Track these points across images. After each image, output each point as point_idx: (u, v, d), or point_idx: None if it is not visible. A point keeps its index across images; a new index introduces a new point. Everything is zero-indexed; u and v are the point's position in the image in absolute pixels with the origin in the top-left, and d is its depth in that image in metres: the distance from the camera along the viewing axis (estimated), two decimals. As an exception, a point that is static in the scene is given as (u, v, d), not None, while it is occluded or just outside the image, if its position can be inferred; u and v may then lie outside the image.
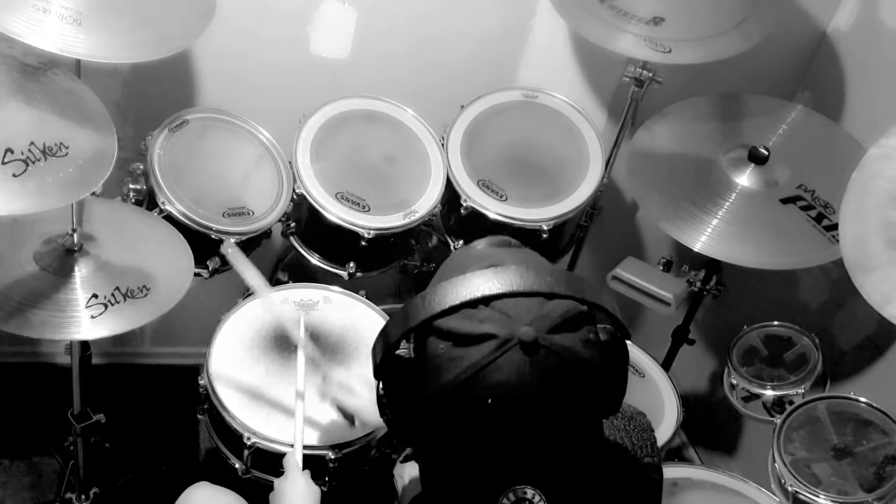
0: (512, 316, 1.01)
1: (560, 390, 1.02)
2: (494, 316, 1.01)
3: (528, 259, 1.12)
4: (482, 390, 1.00)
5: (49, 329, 1.60)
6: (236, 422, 1.78)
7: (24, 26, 1.52)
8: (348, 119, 2.17)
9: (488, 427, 1.03)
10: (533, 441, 1.05)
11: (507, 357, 0.99)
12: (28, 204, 1.45)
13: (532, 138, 2.26)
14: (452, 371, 1.01)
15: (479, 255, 1.13)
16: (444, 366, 1.02)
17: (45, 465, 2.33)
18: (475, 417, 1.02)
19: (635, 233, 2.74)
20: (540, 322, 1.01)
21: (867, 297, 1.59)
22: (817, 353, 2.01)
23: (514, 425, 1.03)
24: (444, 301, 1.03)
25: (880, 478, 1.77)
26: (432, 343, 1.04)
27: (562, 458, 1.10)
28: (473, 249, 1.17)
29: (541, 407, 1.02)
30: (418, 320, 1.04)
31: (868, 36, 2.29)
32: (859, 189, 1.68)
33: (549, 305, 1.03)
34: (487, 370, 1.00)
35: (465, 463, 1.10)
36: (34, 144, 1.47)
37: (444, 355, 1.02)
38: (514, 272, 1.04)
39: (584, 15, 2.07)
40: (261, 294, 1.83)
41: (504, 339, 1.00)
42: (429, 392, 1.04)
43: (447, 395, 1.02)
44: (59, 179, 1.48)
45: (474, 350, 1.00)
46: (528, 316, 1.01)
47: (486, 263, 1.08)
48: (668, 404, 2.17)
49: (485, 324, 1.01)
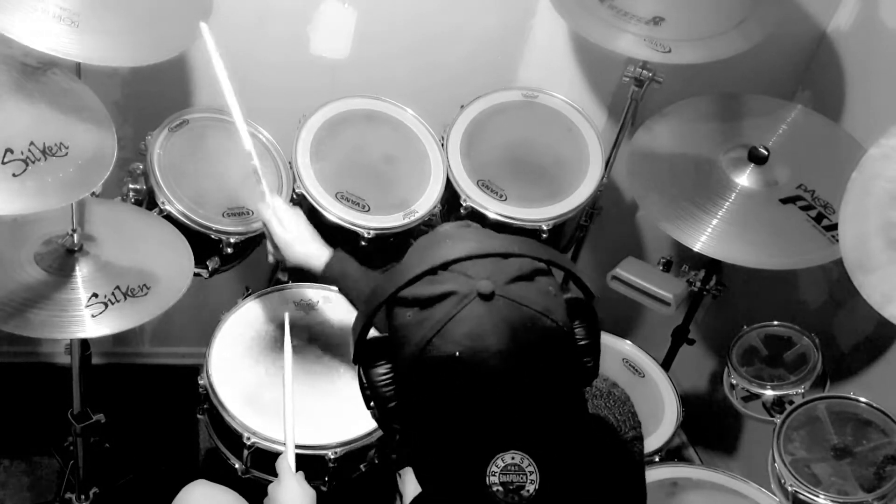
0: (470, 275, 1.06)
1: (525, 339, 1.04)
2: (453, 277, 1.06)
3: (489, 232, 1.17)
4: (448, 346, 1.03)
5: (49, 329, 1.61)
6: (236, 422, 1.78)
7: (22, 28, 1.51)
8: (348, 119, 2.17)
9: (461, 384, 1.04)
10: (510, 399, 1.06)
11: (467, 310, 1.03)
12: (28, 204, 1.45)
13: (532, 138, 2.26)
14: (419, 332, 1.04)
15: (440, 236, 1.17)
16: (412, 329, 1.05)
17: (45, 465, 2.33)
18: (446, 376, 1.04)
19: (635, 233, 2.74)
20: (497, 276, 1.05)
21: (867, 297, 1.59)
22: (817, 353, 2.02)
23: (487, 380, 1.04)
24: (405, 274, 1.08)
25: (880, 478, 1.77)
26: (399, 313, 1.08)
27: (546, 421, 1.10)
28: (435, 232, 1.23)
29: (508, 357, 1.03)
30: (384, 296, 1.08)
31: (868, 36, 2.29)
32: (859, 189, 1.68)
33: (505, 263, 1.07)
34: (450, 324, 1.03)
35: (449, 434, 1.10)
36: (34, 144, 1.47)
37: (411, 321, 1.06)
38: (472, 239, 1.11)
39: (584, 15, 2.07)
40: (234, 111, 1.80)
41: (463, 294, 1.04)
42: (401, 358, 1.07)
43: (417, 357, 1.05)
44: (59, 179, 1.48)
45: (437, 309, 1.04)
46: (485, 272, 1.06)
47: (443, 238, 1.13)
48: (668, 404, 2.17)
49: (445, 284, 1.05)
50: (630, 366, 2.26)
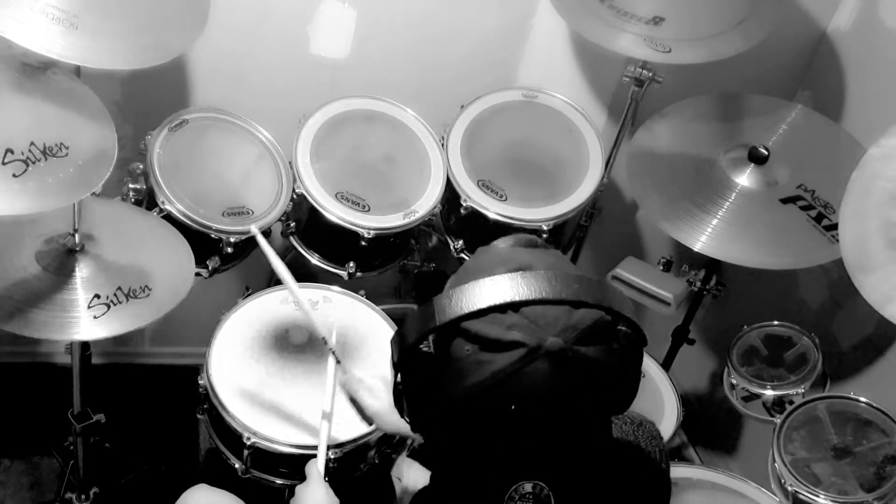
0: (540, 325, 1.01)
1: (582, 396, 1.04)
2: (523, 323, 1.01)
3: (555, 263, 1.11)
4: (507, 397, 1.01)
5: (51, 329, 1.61)
6: (236, 422, 1.78)
7: (20, 30, 1.51)
8: (348, 119, 2.17)
9: (508, 431, 1.05)
10: (547, 440, 1.07)
11: (533, 366, 1.00)
12: (28, 204, 1.45)
13: (532, 138, 2.26)
14: (478, 375, 1.01)
15: (505, 257, 1.11)
16: (469, 369, 1.02)
17: (45, 465, 2.33)
18: (496, 421, 1.04)
19: (635, 233, 2.74)
20: (568, 333, 1.01)
21: (867, 297, 1.59)
22: (817, 352, 2.02)
23: (533, 429, 1.05)
24: (472, 303, 1.03)
25: (880, 477, 1.77)
26: (458, 344, 1.04)
27: (571, 453, 1.11)
28: (498, 249, 1.16)
29: (560, 411, 1.04)
30: (446, 319, 1.03)
31: (868, 36, 2.29)
32: (859, 189, 1.68)
33: (576, 315, 1.03)
34: (514, 378, 1.00)
35: (476, 457, 1.11)
36: (34, 145, 1.47)
37: (469, 358, 1.02)
38: (543, 278, 1.04)
39: (584, 15, 2.07)
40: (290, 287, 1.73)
41: (532, 349, 1.00)
42: (452, 393, 1.05)
43: (471, 398, 1.03)
44: (60, 180, 1.48)
45: (501, 356, 1.01)
46: (557, 326, 1.02)
47: (514, 266, 1.07)
48: (668, 404, 2.17)
49: (513, 331, 1.01)
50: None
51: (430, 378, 1.08)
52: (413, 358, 1.09)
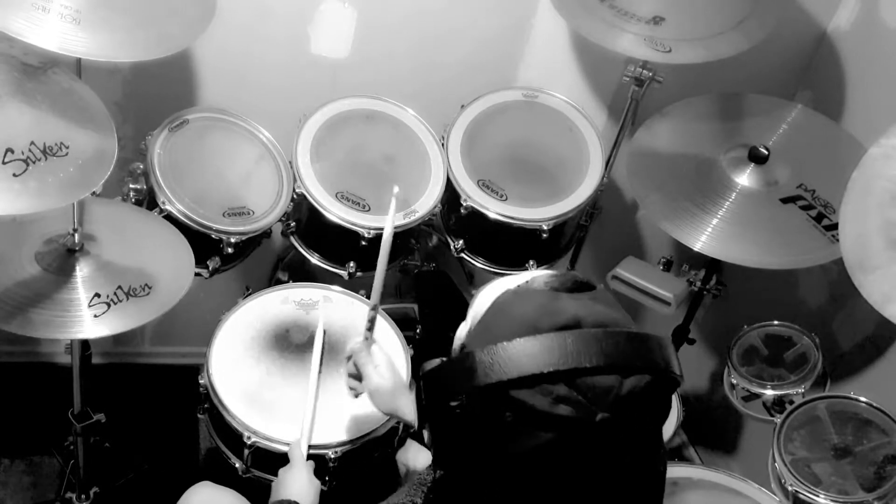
0: (589, 398, 0.97)
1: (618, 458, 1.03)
2: (572, 397, 0.97)
3: (602, 315, 1.03)
4: (549, 468, 0.99)
5: (52, 329, 1.61)
6: (236, 421, 1.78)
7: (23, 25, 1.52)
8: (348, 119, 2.17)
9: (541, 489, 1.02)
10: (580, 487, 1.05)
11: (578, 440, 0.98)
12: (29, 204, 1.45)
13: (532, 138, 2.27)
14: (520, 446, 0.98)
15: (549, 308, 1.03)
16: (510, 437, 0.98)
17: (45, 465, 2.33)
18: (531, 484, 1.01)
19: (635, 233, 2.74)
20: (617, 406, 0.97)
21: (867, 296, 1.59)
22: (817, 352, 2.02)
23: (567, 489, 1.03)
24: (517, 368, 0.97)
25: (880, 477, 1.77)
26: (498, 408, 0.98)
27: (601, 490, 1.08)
28: (540, 294, 1.07)
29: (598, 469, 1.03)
30: (489, 382, 0.97)
31: (868, 36, 2.29)
32: (860, 189, 1.68)
33: (627, 385, 0.98)
34: (558, 452, 0.98)
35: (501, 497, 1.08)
36: (34, 144, 1.47)
37: (511, 427, 0.98)
38: (593, 340, 0.98)
39: (585, 14, 2.07)
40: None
41: (578, 424, 0.96)
42: (489, 457, 1.02)
43: (509, 465, 1.00)
44: (60, 179, 1.48)
45: (545, 431, 0.97)
46: (606, 399, 0.97)
47: (560, 321, 1.01)
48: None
49: (561, 405, 0.96)
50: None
51: (462, 433, 1.03)
52: (444, 410, 1.03)
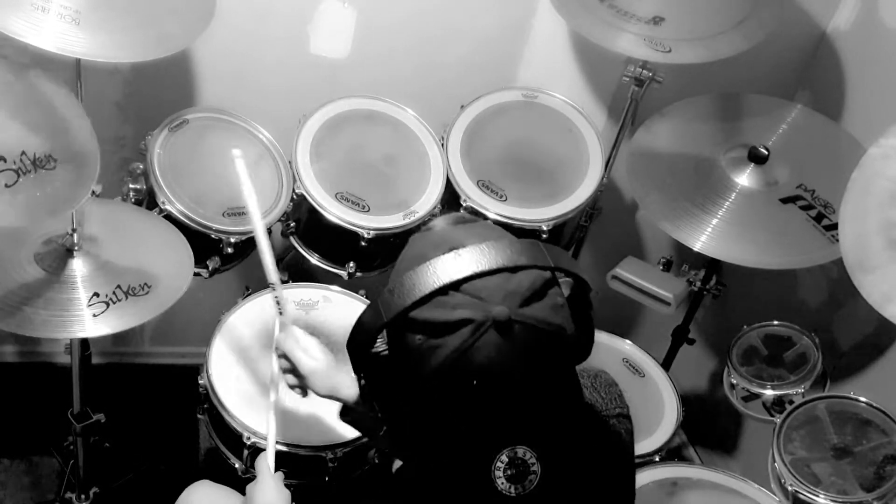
0: (483, 298, 1.03)
1: (540, 357, 1.05)
2: (466, 300, 1.03)
3: (486, 234, 1.12)
4: (465, 374, 1.02)
5: (51, 328, 1.61)
6: (236, 421, 1.78)
7: (23, 25, 1.52)
8: (348, 119, 2.17)
9: (475, 405, 1.06)
10: (519, 406, 1.08)
11: (484, 339, 1.01)
12: (19, 216, 1.44)
13: (532, 138, 2.26)
14: (434, 360, 1.02)
15: (437, 240, 1.12)
16: (424, 356, 1.03)
17: (45, 465, 2.33)
18: (462, 399, 1.05)
19: (635, 233, 2.74)
20: (510, 299, 1.03)
21: (867, 296, 1.59)
22: (817, 352, 2.02)
23: (500, 397, 1.05)
24: (412, 292, 1.04)
25: (880, 477, 1.77)
26: (408, 337, 1.05)
27: (547, 414, 1.12)
28: (429, 234, 1.18)
29: (523, 376, 1.05)
30: (391, 315, 1.04)
31: (868, 36, 2.29)
32: (859, 188, 1.68)
33: (515, 279, 1.04)
34: (468, 354, 1.02)
35: (454, 437, 1.12)
36: (25, 154, 1.46)
37: (422, 346, 1.03)
38: (477, 252, 1.05)
39: (584, 14, 2.07)
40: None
41: (479, 322, 1.01)
42: (412, 383, 1.06)
43: (431, 383, 1.04)
44: (47, 194, 1.46)
45: (452, 337, 1.02)
46: (498, 295, 1.03)
47: (446, 247, 1.08)
48: (668, 404, 2.17)
49: (458, 310, 1.02)
50: (630, 366, 2.26)
51: (390, 374, 1.09)
52: (371, 359, 1.09)
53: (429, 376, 1.03)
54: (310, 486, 1.82)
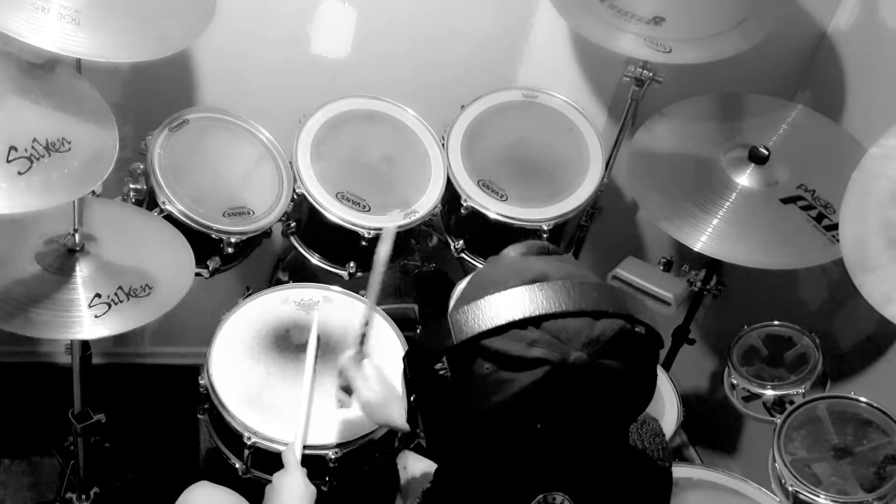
0: (562, 339, 0.99)
1: (605, 408, 1.03)
2: (544, 339, 0.99)
3: (571, 271, 1.07)
4: (531, 415, 1.00)
5: (53, 329, 1.60)
6: (236, 421, 1.78)
7: (23, 25, 1.52)
8: (348, 119, 2.17)
9: (531, 446, 1.03)
10: (569, 450, 1.06)
11: (558, 383, 0.98)
12: (35, 201, 1.44)
13: (532, 138, 2.26)
14: (500, 395, 0.99)
15: (519, 267, 1.08)
16: (490, 388, 0.99)
17: (45, 465, 2.33)
18: (519, 440, 1.02)
19: (635, 233, 2.74)
20: (591, 346, 0.99)
21: (867, 296, 1.59)
22: (817, 352, 2.02)
23: (557, 443, 1.03)
24: (490, 319, 0.99)
25: (880, 477, 1.77)
26: (477, 363, 1.00)
27: (592, 463, 1.11)
28: (510, 258, 1.12)
29: (586, 425, 1.03)
30: (464, 338, 1.00)
31: (868, 36, 2.29)
32: (860, 189, 1.68)
33: (598, 327, 1.00)
34: (538, 396, 0.98)
35: (498, 472, 1.10)
36: (37, 141, 1.47)
37: (490, 377, 0.99)
38: (562, 289, 1.01)
39: (585, 14, 2.07)
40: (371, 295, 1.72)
41: (556, 365, 0.98)
42: (473, 413, 1.02)
43: (494, 418, 1.00)
44: (65, 175, 1.48)
45: (524, 375, 0.98)
46: (580, 339, 0.99)
47: (529, 276, 1.04)
48: (668, 404, 2.17)
49: (535, 347, 0.98)
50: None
51: (448, 397, 1.04)
52: (428, 376, 1.05)
53: (492, 410, 0.99)
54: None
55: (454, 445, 1.11)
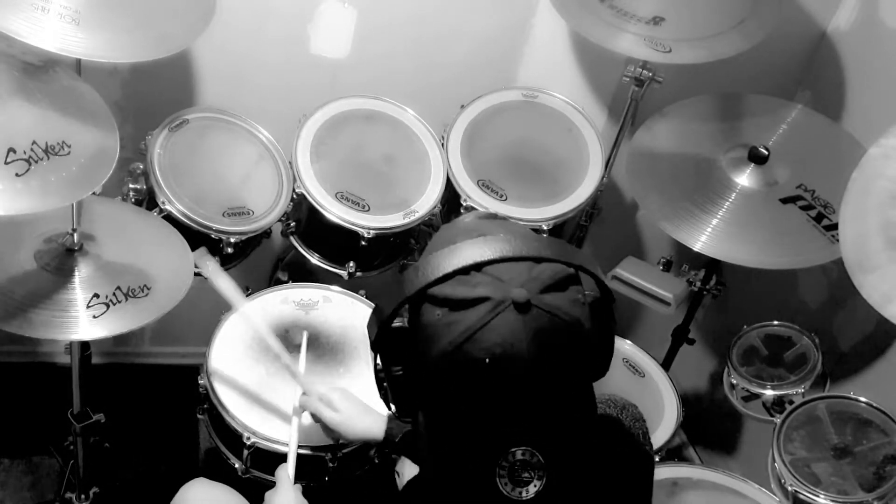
0: (504, 280, 1.05)
1: (553, 348, 1.05)
2: (487, 280, 1.05)
3: (515, 228, 1.16)
4: (479, 351, 1.03)
5: (51, 329, 1.60)
6: (236, 422, 1.78)
7: (23, 25, 1.52)
8: (348, 119, 2.17)
9: (487, 388, 1.06)
10: (530, 400, 1.08)
11: (501, 318, 1.03)
12: (31, 203, 1.44)
13: (532, 138, 2.26)
14: (449, 335, 1.04)
15: (468, 228, 1.15)
16: (441, 331, 1.05)
17: (45, 465, 2.33)
18: (473, 379, 1.05)
19: (635, 233, 2.74)
20: (531, 283, 1.05)
21: (867, 296, 1.59)
22: (817, 352, 2.02)
23: (512, 385, 1.05)
24: (436, 270, 1.06)
25: (880, 477, 1.77)
26: (428, 310, 1.07)
27: (558, 418, 1.12)
28: (461, 223, 1.21)
29: (535, 365, 1.05)
30: (413, 290, 1.07)
31: (868, 36, 2.29)
32: (859, 189, 1.68)
33: (538, 268, 1.07)
34: (483, 331, 1.03)
35: (463, 428, 1.12)
36: (36, 143, 1.47)
37: (440, 321, 1.05)
38: (503, 239, 1.08)
39: (585, 14, 2.07)
40: (236, 305, 1.82)
41: (498, 301, 1.03)
42: (428, 357, 1.07)
43: (445, 358, 1.05)
44: (62, 178, 1.48)
45: (470, 313, 1.03)
46: (520, 279, 1.05)
47: (476, 234, 1.10)
48: (668, 404, 2.17)
49: (478, 288, 1.04)
50: (630, 366, 2.25)
51: (407, 350, 1.10)
52: (389, 335, 1.11)
53: (443, 350, 1.04)
54: (310, 487, 1.81)
55: (418, 399, 1.15)
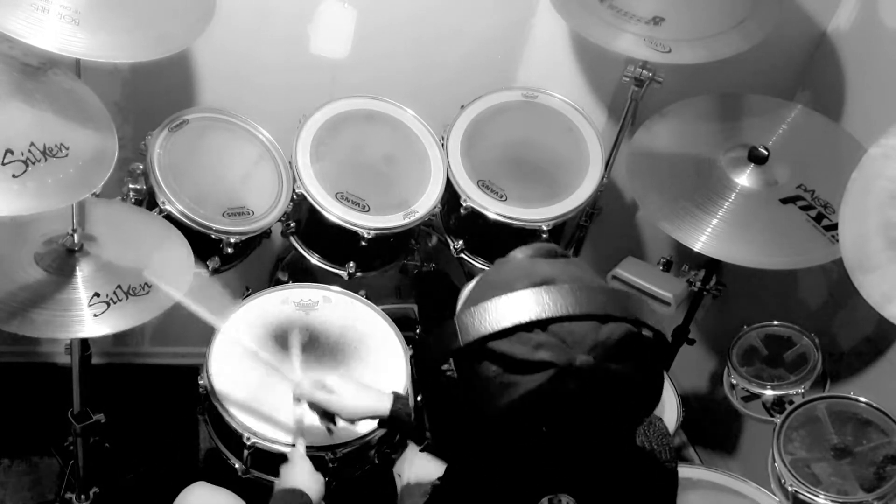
0: (568, 343, 0.99)
1: (611, 412, 1.03)
2: (550, 342, 0.99)
3: (578, 275, 1.07)
4: (537, 418, 1.00)
5: (52, 328, 1.60)
6: (236, 422, 1.78)
7: (23, 26, 1.52)
8: (348, 119, 2.17)
9: (537, 448, 1.04)
10: (575, 453, 1.06)
11: (563, 385, 0.98)
12: (28, 205, 1.45)
13: (532, 138, 2.27)
14: (506, 398, 0.99)
15: (527, 269, 1.07)
16: (496, 390, 1.00)
17: (45, 465, 2.33)
18: (525, 441, 1.02)
19: (635, 233, 2.74)
20: (597, 350, 0.99)
21: (867, 296, 1.59)
22: (817, 352, 2.02)
23: (563, 446, 1.04)
24: (496, 321, 0.99)
25: (880, 477, 1.77)
26: (483, 365, 1.01)
27: (598, 465, 1.11)
28: (517, 261, 1.11)
29: (591, 428, 1.03)
30: (469, 339, 1.00)
31: (868, 36, 2.29)
32: (859, 189, 1.68)
33: (604, 330, 1.00)
34: (544, 399, 0.99)
35: (503, 472, 1.10)
36: (34, 145, 1.47)
37: (496, 379, 1.00)
38: (569, 292, 1.01)
39: (584, 15, 2.07)
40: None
41: (561, 368, 0.98)
42: (480, 414, 1.02)
43: (501, 419, 1.01)
44: (59, 180, 1.48)
45: (530, 378, 0.98)
46: (585, 343, 0.99)
47: (537, 279, 1.03)
48: (668, 404, 2.17)
49: (540, 350, 0.98)
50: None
51: (455, 398, 1.05)
52: (435, 378, 1.06)
53: (498, 412, 1.00)
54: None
55: (461, 445, 1.12)
